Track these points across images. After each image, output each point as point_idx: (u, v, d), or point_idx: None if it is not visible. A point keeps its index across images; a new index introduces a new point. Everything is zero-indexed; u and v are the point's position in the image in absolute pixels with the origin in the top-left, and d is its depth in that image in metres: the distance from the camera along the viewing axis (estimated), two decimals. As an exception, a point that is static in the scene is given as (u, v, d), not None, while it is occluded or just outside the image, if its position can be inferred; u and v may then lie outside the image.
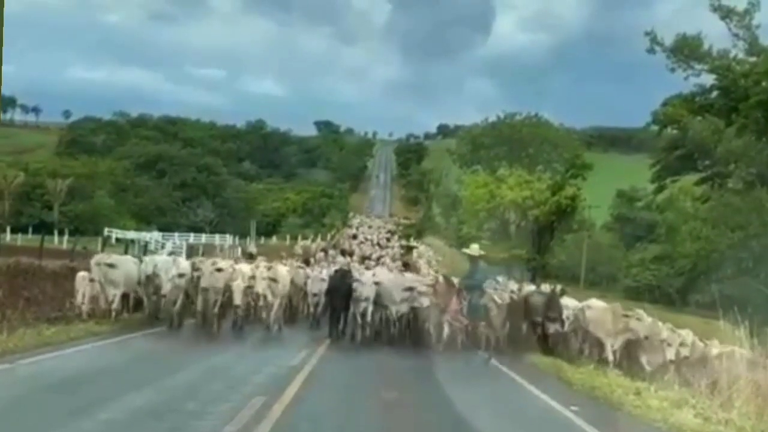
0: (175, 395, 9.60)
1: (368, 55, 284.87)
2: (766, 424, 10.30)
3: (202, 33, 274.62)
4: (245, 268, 17.89)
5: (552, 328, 16.30)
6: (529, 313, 16.74)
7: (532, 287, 21.45)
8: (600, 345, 15.94)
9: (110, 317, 16.10)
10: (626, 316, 15.92)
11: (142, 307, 17.64)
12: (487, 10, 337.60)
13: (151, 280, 16.66)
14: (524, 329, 17.19)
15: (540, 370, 14.44)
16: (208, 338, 15.66)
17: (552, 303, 16.67)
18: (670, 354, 15.13)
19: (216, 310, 16.61)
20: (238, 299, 16.39)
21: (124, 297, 17.16)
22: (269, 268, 18.07)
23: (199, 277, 16.75)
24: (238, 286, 16.40)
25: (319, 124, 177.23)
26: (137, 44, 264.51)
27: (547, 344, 16.39)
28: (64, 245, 38.13)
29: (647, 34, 39.91)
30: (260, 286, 17.02)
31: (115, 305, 16.38)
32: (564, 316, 16.58)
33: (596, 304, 17.01)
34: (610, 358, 15.36)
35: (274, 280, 17.33)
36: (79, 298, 16.56)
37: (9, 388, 9.49)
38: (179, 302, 16.75)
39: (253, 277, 17.09)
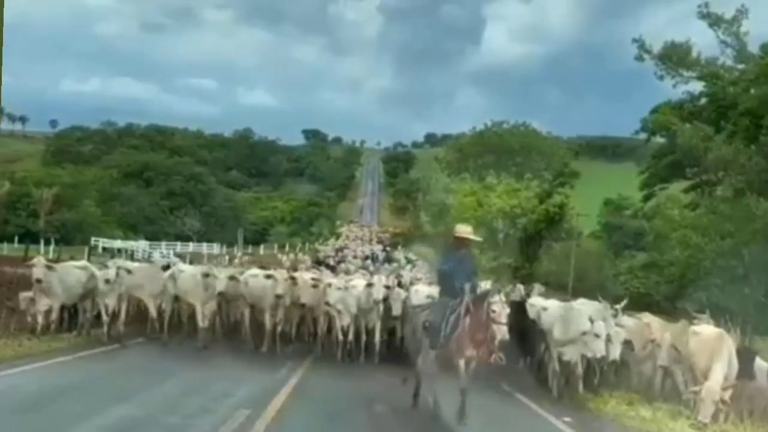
0: (158, 408, 9.34)
1: (357, 65, 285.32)
2: (761, 433, 10.20)
3: (192, 43, 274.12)
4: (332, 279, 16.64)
5: None
6: None
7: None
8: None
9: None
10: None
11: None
12: (477, 20, 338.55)
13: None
14: None
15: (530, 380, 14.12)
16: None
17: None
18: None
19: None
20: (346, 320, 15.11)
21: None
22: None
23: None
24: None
25: (307, 133, 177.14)
26: (127, 54, 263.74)
27: None
28: (51, 254, 37.71)
29: (635, 41, 39.91)
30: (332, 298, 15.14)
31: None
32: None
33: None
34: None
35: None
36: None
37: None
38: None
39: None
